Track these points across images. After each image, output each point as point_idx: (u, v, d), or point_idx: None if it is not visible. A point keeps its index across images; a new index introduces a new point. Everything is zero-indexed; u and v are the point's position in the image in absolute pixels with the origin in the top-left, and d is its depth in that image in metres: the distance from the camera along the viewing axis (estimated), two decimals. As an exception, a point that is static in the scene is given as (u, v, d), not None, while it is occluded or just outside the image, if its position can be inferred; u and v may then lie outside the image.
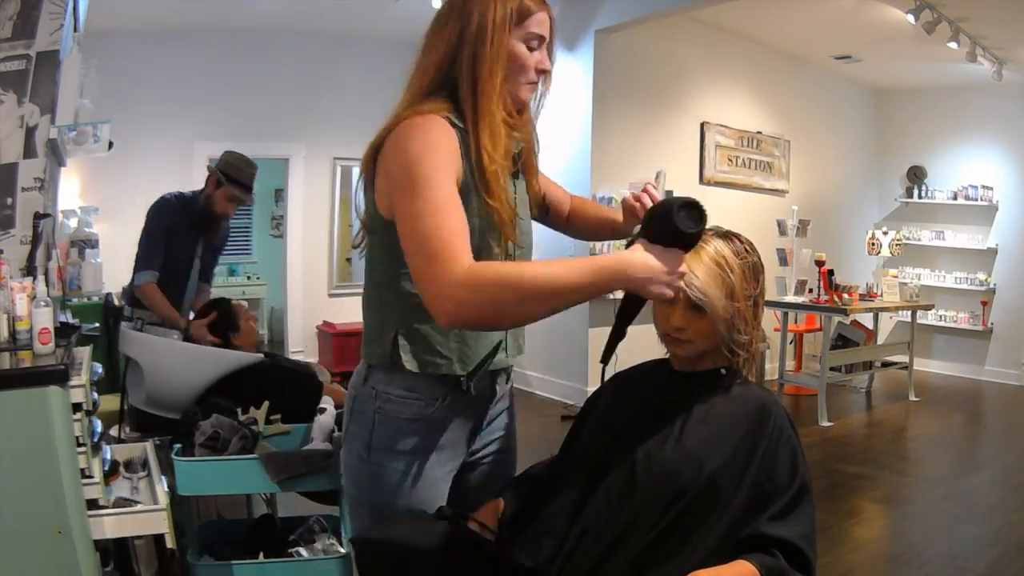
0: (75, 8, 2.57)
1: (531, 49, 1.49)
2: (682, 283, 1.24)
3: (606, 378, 1.47)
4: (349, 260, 7.44)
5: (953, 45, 5.32)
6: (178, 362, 2.49)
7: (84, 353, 1.98)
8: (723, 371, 1.36)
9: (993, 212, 6.89)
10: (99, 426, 1.79)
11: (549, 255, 1.29)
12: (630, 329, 1.36)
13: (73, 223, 4.35)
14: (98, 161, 4.61)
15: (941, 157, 7.16)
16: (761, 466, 1.24)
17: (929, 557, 3.02)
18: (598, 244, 4.81)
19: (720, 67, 6.13)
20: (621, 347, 1.35)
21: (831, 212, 7.16)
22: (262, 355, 2.66)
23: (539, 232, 1.55)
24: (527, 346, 1.56)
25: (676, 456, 1.26)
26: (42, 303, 1.73)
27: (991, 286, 6.90)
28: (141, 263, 3.10)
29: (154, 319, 3.02)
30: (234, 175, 3.22)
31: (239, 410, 2.19)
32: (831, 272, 5.42)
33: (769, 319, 6.01)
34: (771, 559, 1.18)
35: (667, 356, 1.41)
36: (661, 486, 1.27)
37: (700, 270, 1.26)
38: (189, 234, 3.19)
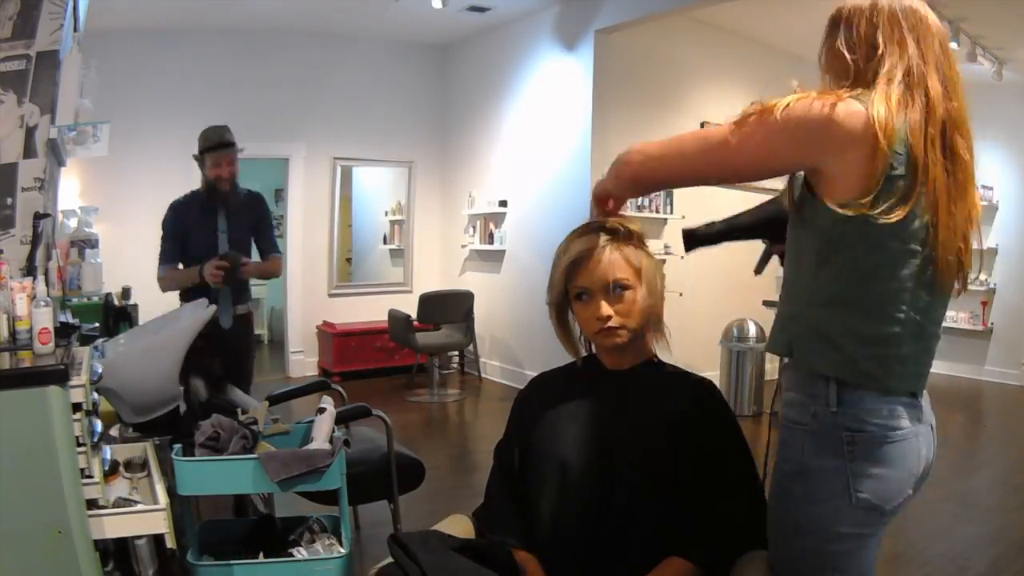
0: (75, 8, 2.57)
1: None
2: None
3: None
4: (349, 260, 7.45)
5: (953, 45, 5.30)
6: (142, 364, 2.50)
7: (84, 353, 1.98)
8: (655, 361, 1.48)
9: (993, 212, 6.89)
10: (99, 426, 1.78)
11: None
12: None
13: (73, 223, 4.34)
14: (98, 161, 4.61)
15: (941, 157, 7.16)
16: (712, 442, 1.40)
17: (929, 557, 3.02)
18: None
19: (720, 67, 6.13)
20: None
21: (831, 212, 7.16)
22: (215, 307, 2.68)
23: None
24: (526, 346, 1.59)
25: (659, 461, 1.36)
26: (42, 303, 1.72)
27: (991, 286, 6.90)
28: (159, 262, 3.38)
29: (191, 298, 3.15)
30: (204, 144, 3.39)
31: (239, 410, 2.19)
32: (831, 272, 5.41)
33: (769, 319, 6.01)
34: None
35: (587, 356, 1.50)
36: (661, 487, 1.31)
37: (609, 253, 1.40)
38: (205, 218, 3.37)
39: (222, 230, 3.38)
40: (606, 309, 1.37)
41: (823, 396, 1.16)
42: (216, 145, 3.33)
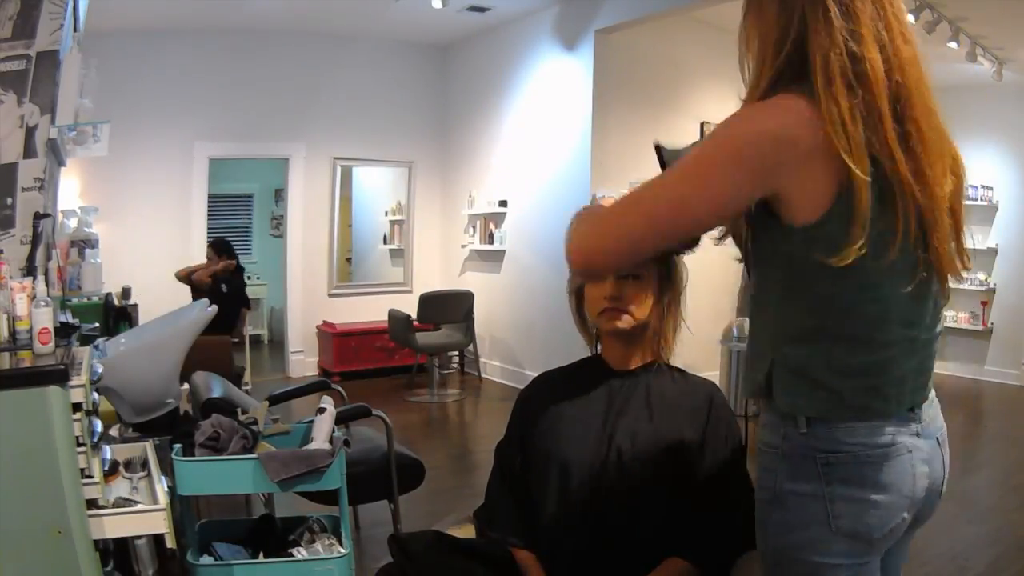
0: (75, 8, 2.57)
1: None
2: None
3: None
4: (349, 260, 7.45)
5: (953, 45, 5.31)
6: (142, 364, 2.51)
7: (84, 353, 1.98)
8: (660, 363, 1.48)
9: (993, 212, 6.88)
10: (99, 426, 1.78)
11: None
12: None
13: (73, 223, 4.34)
14: (98, 161, 4.61)
15: (941, 157, 7.16)
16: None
17: (929, 557, 3.01)
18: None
19: (720, 67, 6.12)
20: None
21: (831, 212, 7.16)
22: (215, 307, 2.71)
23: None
24: (526, 346, 1.58)
25: (661, 463, 1.36)
26: (42, 303, 1.72)
27: (991, 286, 6.89)
28: None
29: None
30: None
31: (239, 410, 2.19)
32: (831, 272, 5.41)
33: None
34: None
35: (592, 356, 1.50)
36: (662, 488, 1.31)
37: None
38: None
39: None
40: (614, 289, 1.38)
41: (787, 419, 1.05)
42: None
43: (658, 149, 1.27)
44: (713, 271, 5.89)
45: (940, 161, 1.00)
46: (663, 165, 1.22)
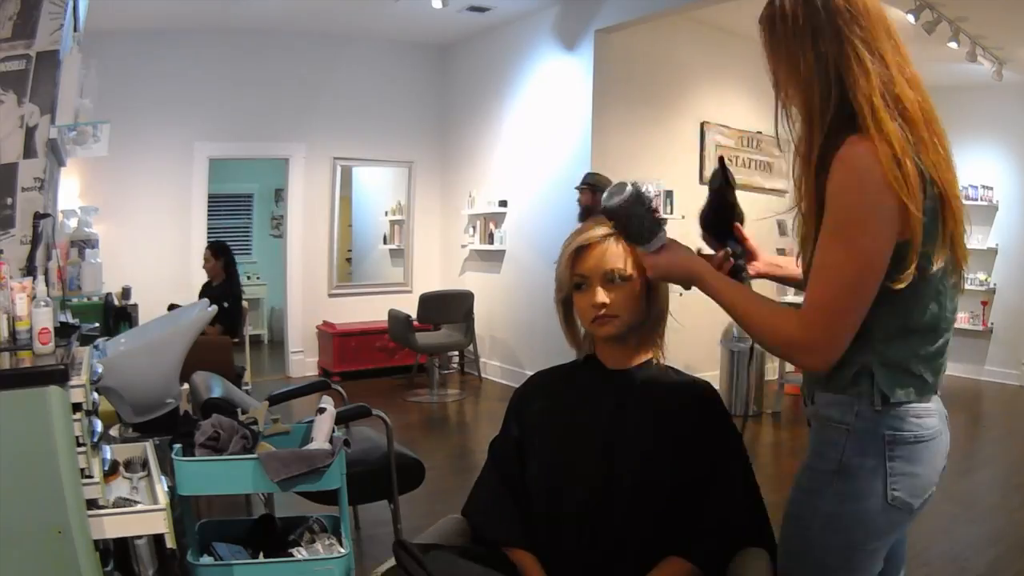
0: (75, 8, 2.57)
1: None
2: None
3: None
4: (349, 260, 7.45)
5: (953, 45, 5.32)
6: (142, 363, 2.51)
7: (84, 353, 1.98)
8: (655, 361, 1.48)
9: (993, 212, 6.89)
10: (99, 426, 1.78)
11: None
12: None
13: (73, 223, 4.34)
14: (98, 161, 4.62)
15: (941, 157, 7.16)
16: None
17: (929, 557, 3.01)
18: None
19: (720, 67, 6.13)
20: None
21: (831, 212, 7.16)
22: (215, 307, 2.72)
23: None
24: (526, 346, 1.59)
25: (658, 462, 1.36)
26: (42, 303, 1.72)
27: (991, 286, 6.90)
28: None
29: None
30: None
31: (239, 410, 2.19)
32: (831, 272, 5.41)
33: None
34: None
35: (586, 356, 1.50)
36: (659, 487, 1.31)
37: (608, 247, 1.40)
38: None
39: None
40: (601, 296, 1.38)
41: (867, 395, 1.17)
42: None
43: (721, 164, 1.43)
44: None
45: (952, 166, 1.15)
46: (725, 178, 1.41)
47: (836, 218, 1.11)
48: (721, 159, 1.47)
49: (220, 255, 5.01)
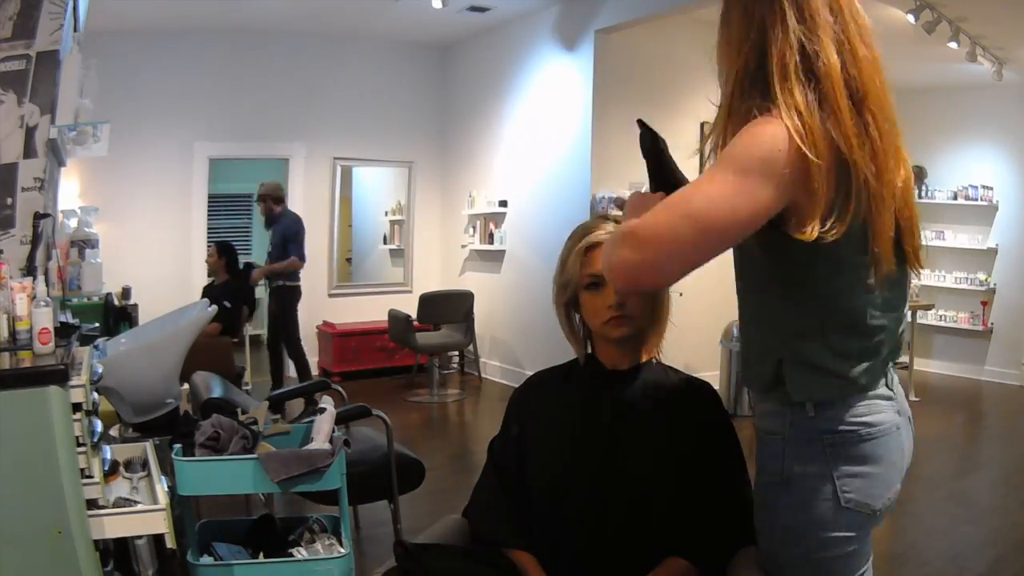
0: (75, 8, 2.57)
1: None
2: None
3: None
4: (349, 260, 7.45)
5: (953, 45, 5.32)
6: (142, 363, 2.51)
7: (84, 353, 1.98)
8: (654, 361, 1.47)
9: (993, 212, 6.88)
10: (99, 426, 1.79)
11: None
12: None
13: (73, 223, 4.35)
14: (98, 161, 4.61)
15: (941, 157, 7.15)
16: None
17: (929, 557, 3.02)
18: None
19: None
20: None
21: (831, 212, 7.16)
22: (215, 307, 2.73)
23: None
24: (526, 346, 1.58)
25: (659, 462, 1.35)
26: (42, 303, 1.73)
27: (991, 286, 6.89)
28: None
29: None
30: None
31: (239, 410, 2.19)
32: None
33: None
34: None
35: (580, 356, 1.49)
36: (659, 487, 1.31)
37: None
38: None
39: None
40: (619, 297, 1.36)
41: (794, 408, 1.14)
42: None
43: (643, 126, 1.33)
44: (712, 272, 5.89)
45: (894, 152, 1.09)
46: (652, 141, 1.31)
47: (720, 162, 1.05)
48: (639, 121, 1.37)
49: (223, 254, 5.04)
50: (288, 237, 5.23)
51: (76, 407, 1.61)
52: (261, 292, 5.37)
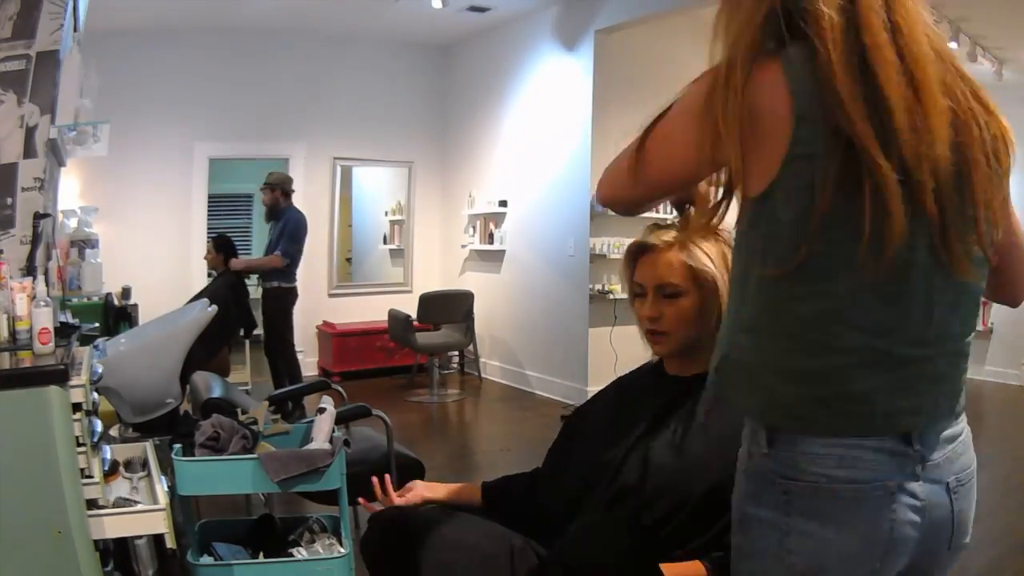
0: (75, 8, 2.57)
1: None
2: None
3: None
4: (349, 260, 7.45)
5: (953, 45, 5.31)
6: (142, 363, 2.51)
7: (84, 353, 1.98)
8: None
9: (993, 212, 6.88)
10: (99, 426, 1.79)
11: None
12: (631, 333, 1.40)
13: (73, 223, 4.35)
14: (98, 161, 4.62)
15: (941, 157, 7.16)
16: None
17: (929, 557, 3.01)
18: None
19: (720, 67, 6.12)
20: (623, 350, 1.38)
21: (831, 212, 7.16)
22: (215, 308, 2.73)
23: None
24: (526, 346, 1.59)
25: (677, 466, 1.27)
26: (42, 303, 1.72)
27: (991, 286, 6.89)
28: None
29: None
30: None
31: (239, 410, 2.19)
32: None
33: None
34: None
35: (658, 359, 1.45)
36: (661, 496, 1.28)
37: (672, 255, 1.30)
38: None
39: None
40: (652, 310, 1.31)
41: (753, 433, 0.92)
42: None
43: None
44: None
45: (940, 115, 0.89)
46: None
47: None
48: None
49: (220, 249, 5.03)
50: (287, 233, 5.02)
51: (76, 407, 1.61)
52: (255, 292, 5.32)
